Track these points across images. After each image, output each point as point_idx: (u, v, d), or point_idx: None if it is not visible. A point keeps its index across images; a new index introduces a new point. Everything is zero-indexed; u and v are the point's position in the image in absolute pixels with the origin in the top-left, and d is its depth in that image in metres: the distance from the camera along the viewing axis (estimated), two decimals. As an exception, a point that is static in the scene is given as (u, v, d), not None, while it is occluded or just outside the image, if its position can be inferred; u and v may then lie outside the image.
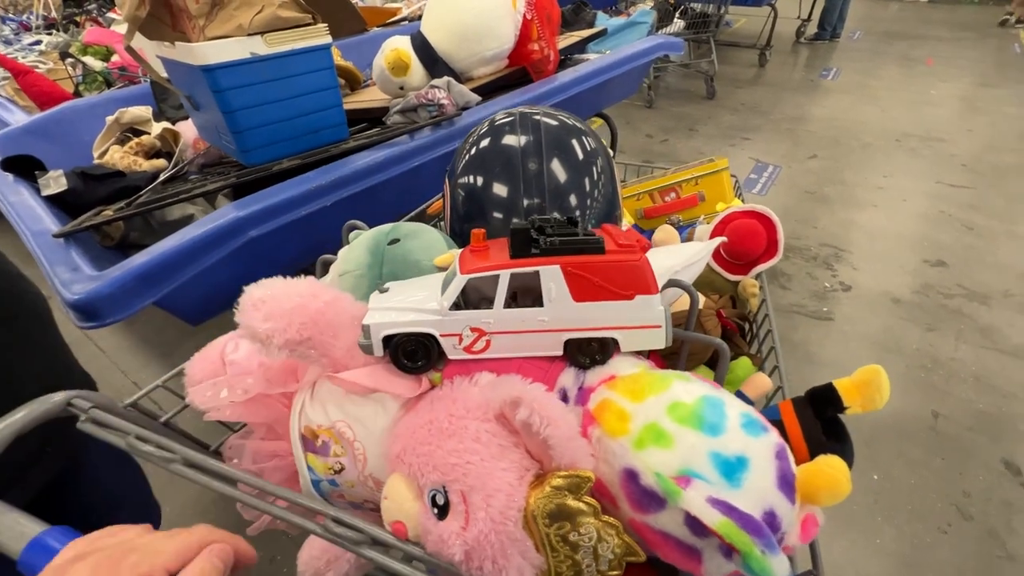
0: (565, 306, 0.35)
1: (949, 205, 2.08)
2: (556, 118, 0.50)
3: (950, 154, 2.46)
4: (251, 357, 0.39)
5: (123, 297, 0.71)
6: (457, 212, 0.50)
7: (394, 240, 0.42)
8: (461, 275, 0.35)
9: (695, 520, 0.24)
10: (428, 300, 0.37)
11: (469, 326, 0.35)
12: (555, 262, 0.34)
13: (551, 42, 1.36)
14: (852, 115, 2.94)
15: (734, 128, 2.85)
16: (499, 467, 0.28)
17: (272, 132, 0.98)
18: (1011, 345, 1.45)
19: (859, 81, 3.44)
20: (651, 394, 0.30)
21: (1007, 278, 1.70)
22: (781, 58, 4.02)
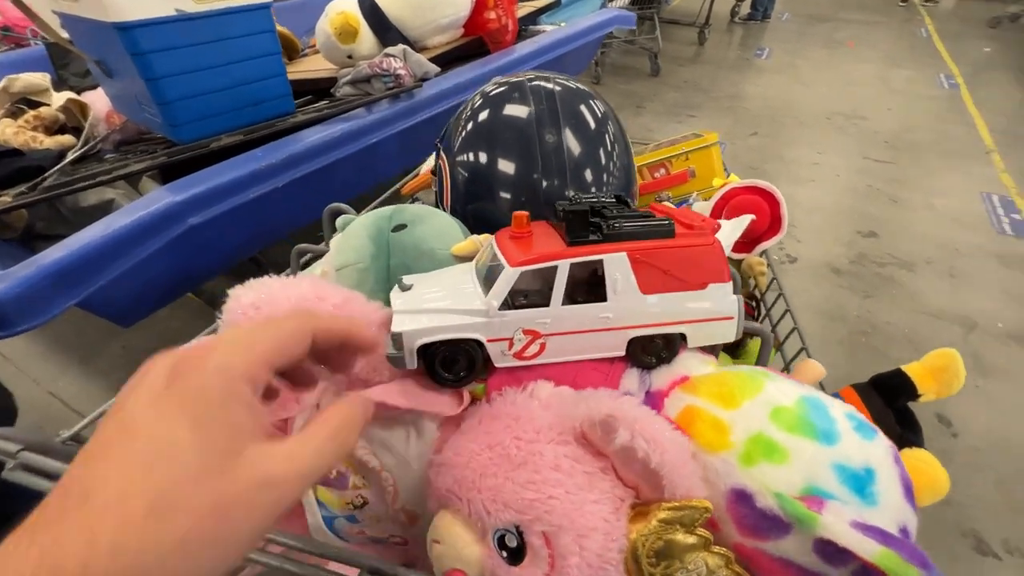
0: (631, 299, 0.31)
1: (876, 179, 2.23)
2: (563, 83, 0.45)
3: (873, 131, 2.64)
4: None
5: (36, 300, 0.60)
6: (459, 192, 0.44)
7: (400, 226, 0.36)
8: (511, 267, 0.29)
9: (830, 547, 0.21)
10: (467, 298, 0.31)
11: (522, 328, 0.30)
12: (621, 248, 0.30)
13: (510, 11, 1.29)
14: (785, 94, 3.07)
15: (679, 105, 2.90)
16: (589, 500, 0.24)
17: (206, 104, 0.86)
18: (935, 308, 1.58)
19: (789, 61, 3.59)
20: (746, 398, 0.27)
21: (928, 247, 1.85)
22: (718, 37, 4.13)
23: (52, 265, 0.60)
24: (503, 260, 0.30)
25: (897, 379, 0.32)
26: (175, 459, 0.17)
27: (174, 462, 0.17)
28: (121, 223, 0.64)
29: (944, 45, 3.95)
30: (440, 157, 0.47)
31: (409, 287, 0.32)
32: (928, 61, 3.64)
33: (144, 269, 0.70)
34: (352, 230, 0.37)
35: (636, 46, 3.47)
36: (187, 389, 0.19)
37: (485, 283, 0.32)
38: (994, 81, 3.28)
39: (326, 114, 0.91)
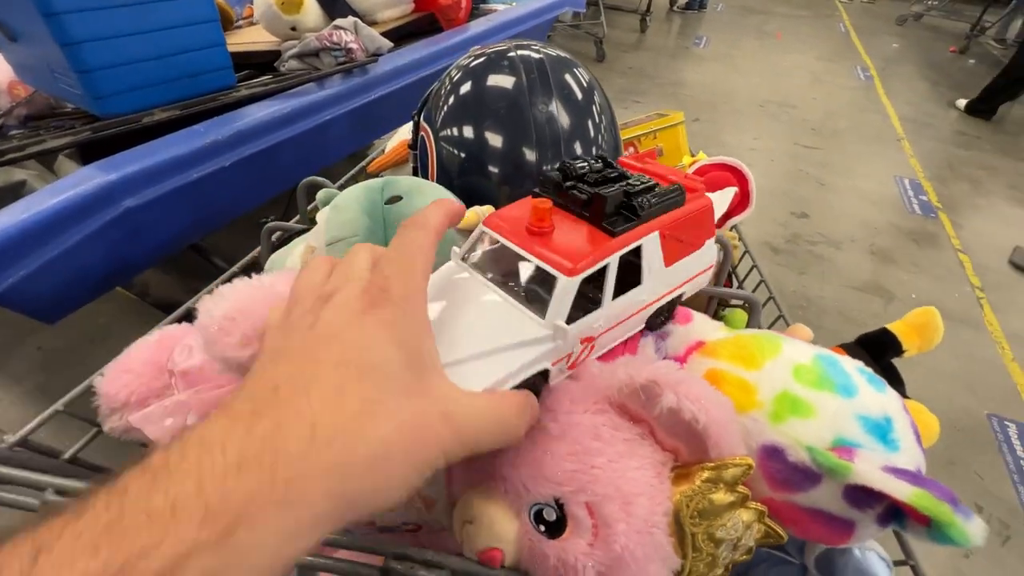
0: (659, 275, 0.30)
1: (806, 164, 2.38)
2: (548, 52, 0.44)
3: (802, 119, 2.81)
4: (210, 367, 0.29)
5: (-56, 293, 0.52)
6: (446, 165, 0.42)
7: (395, 198, 0.34)
8: (568, 278, 0.25)
9: (858, 492, 0.22)
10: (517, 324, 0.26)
11: (580, 338, 0.28)
12: (655, 228, 0.28)
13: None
14: (723, 82, 3.20)
15: (625, 91, 2.95)
16: (631, 467, 0.24)
17: (135, 73, 0.77)
18: (861, 282, 1.73)
19: (725, 51, 3.75)
20: (767, 359, 0.27)
21: (852, 225, 2.01)
22: (658, 25, 4.23)
23: (-39, 254, 0.52)
24: (550, 269, 0.26)
25: (883, 337, 0.34)
26: (385, 372, 0.19)
27: (384, 374, 0.19)
28: (45, 205, 0.57)
29: (859, 40, 4.26)
30: (421, 129, 0.45)
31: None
32: (847, 54, 3.91)
33: (72, 258, 0.63)
34: (343, 203, 0.34)
35: (581, 31, 3.50)
36: (387, 315, 0.21)
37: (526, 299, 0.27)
38: (902, 74, 3.59)
39: (272, 89, 0.85)
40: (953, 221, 2.07)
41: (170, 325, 0.34)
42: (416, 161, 0.47)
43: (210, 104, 0.80)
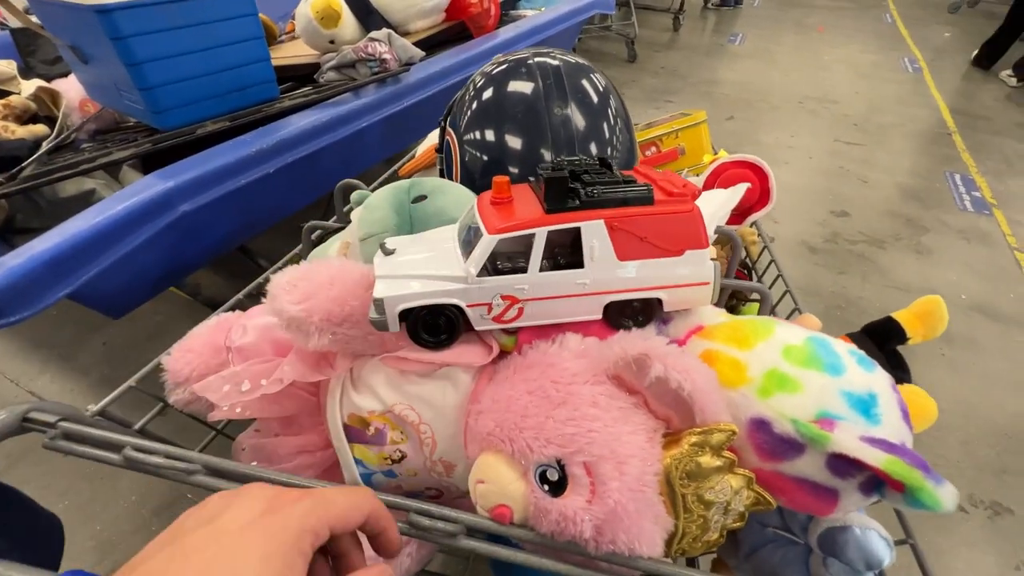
0: (608, 266, 0.32)
1: (846, 161, 2.30)
2: (565, 58, 0.46)
3: (843, 115, 2.72)
4: (261, 343, 0.33)
5: (31, 290, 0.59)
6: (468, 168, 0.45)
7: (419, 197, 0.37)
8: (489, 235, 0.30)
9: (840, 461, 0.24)
10: (447, 264, 0.32)
11: (500, 294, 0.31)
12: (599, 216, 0.30)
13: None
14: (759, 79, 3.13)
15: (656, 91, 2.93)
16: (625, 431, 0.26)
17: (190, 89, 0.84)
18: (904, 282, 1.66)
19: (762, 47, 3.66)
20: (759, 340, 0.29)
21: (896, 223, 1.93)
22: (692, 23, 4.17)
23: (45, 254, 0.59)
24: (482, 226, 0.31)
25: (888, 325, 0.34)
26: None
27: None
28: (114, 210, 0.63)
29: (907, 30, 4.07)
30: (447, 134, 0.48)
31: (392, 251, 0.33)
32: (893, 46, 3.75)
33: (135, 258, 0.69)
34: (373, 202, 0.37)
35: (612, 32, 3.49)
36: (271, 524, 0.21)
37: (464, 246, 0.32)
38: (954, 65, 3.41)
39: (313, 99, 0.90)
40: (1009, 218, 1.95)
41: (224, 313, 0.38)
42: (442, 163, 0.50)
43: (256, 115, 0.86)
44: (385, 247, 0.32)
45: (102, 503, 1.06)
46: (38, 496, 0.72)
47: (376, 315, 0.30)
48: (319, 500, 0.22)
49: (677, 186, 0.33)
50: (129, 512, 1.05)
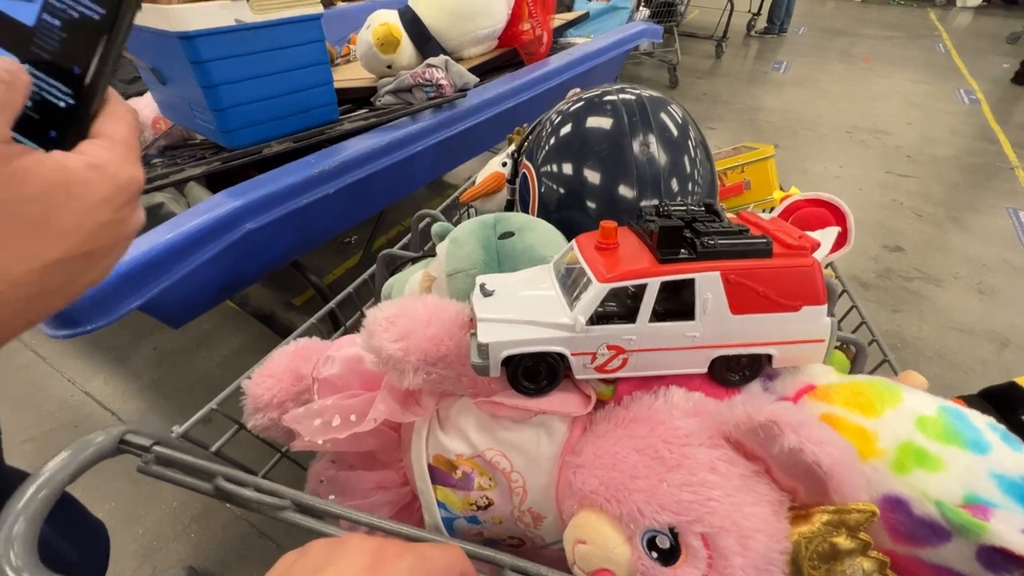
0: (720, 319, 0.30)
1: (899, 194, 2.22)
2: (646, 94, 0.46)
3: (895, 146, 2.63)
4: (348, 376, 0.33)
5: (106, 301, 0.61)
6: (547, 201, 0.45)
7: (507, 233, 0.37)
8: (599, 283, 0.29)
9: (994, 554, 0.21)
10: (551, 310, 0.31)
11: (606, 344, 0.30)
12: (715, 268, 0.29)
13: (545, 24, 1.31)
14: (805, 107, 3.07)
15: (699, 117, 2.88)
16: (748, 502, 0.24)
17: (258, 111, 0.88)
18: (965, 323, 1.57)
19: (808, 75, 3.60)
20: (886, 407, 0.27)
21: (955, 261, 1.84)
22: (734, 50, 4.15)
23: (122, 267, 0.61)
24: (590, 273, 0.30)
25: (1012, 392, 0.32)
26: None
27: None
28: (186, 227, 0.66)
29: (962, 60, 3.95)
30: (523, 167, 0.48)
31: (491, 292, 0.32)
32: (946, 76, 3.63)
33: (200, 273, 0.71)
34: (460, 237, 0.37)
35: (654, 58, 3.50)
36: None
37: (567, 291, 0.32)
38: (1014, 96, 3.27)
39: (372, 123, 0.93)
40: (1081, 259, 1.84)
41: (302, 338, 0.39)
42: (513, 195, 0.50)
43: (318, 137, 0.89)
44: (484, 288, 0.31)
45: (146, 507, 1.08)
46: (86, 498, 0.74)
47: (479, 360, 0.30)
48: (419, 558, 0.22)
49: (793, 237, 0.31)
50: (171, 517, 1.07)
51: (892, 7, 5.80)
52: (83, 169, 0.22)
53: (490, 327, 0.30)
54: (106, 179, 0.22)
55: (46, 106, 0.23)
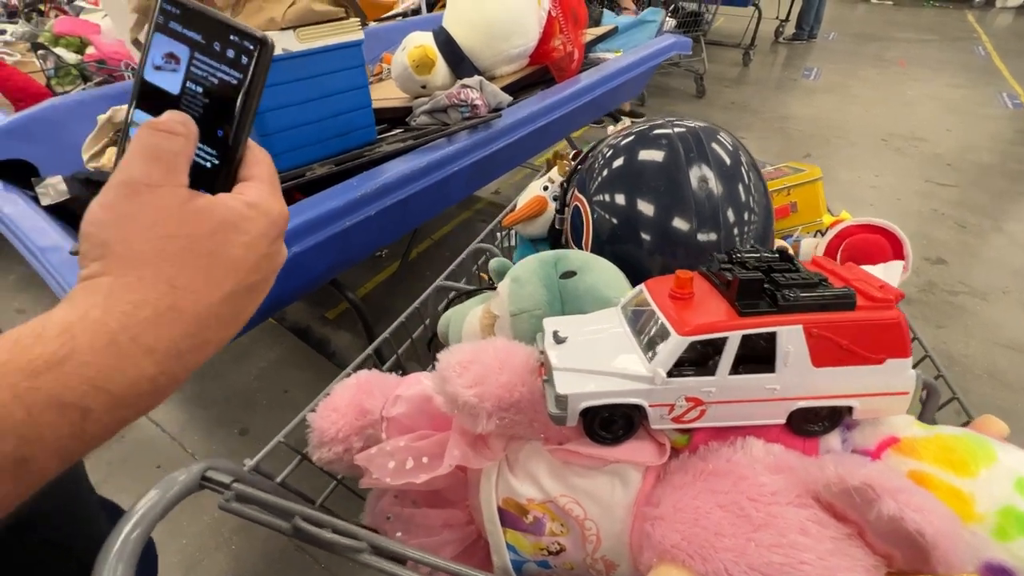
0: (801, 372, 0.30)
1: (940, 203, 2.15)
2: (699, 125, 0.46)
3: (934, 153, 2.55)
4: (416, 416, 0.34)
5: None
6: (599, 236, 0.45)
7: (568, 273, 0.38)
8: (679, 336, 0.29)
9: None
10: (628, 360, 0.31)
11: (685, 395, 0.30)
12: (797, 321, 0.29)
13: (576, 41, 1.32)
14: (837, 114, 3.01)
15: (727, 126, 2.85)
16: (842, 567, 0.24)
17: (301, 135, 0.90)
18: (1015, 340, 1.50)
19: (839, 81, 3.53)
20: (981, 466, 0.26)
21: (1003, 274, 1.76)
22: (762, 57, 4.10)
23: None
24: (668, 325, 0.30)
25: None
26: None
27: None
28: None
29: (1004, 63, 3.81)
30: (576, 199, 0.48)
31: (564, 339, 0.32)
32: (987, 79, 3.51)
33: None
34: (524, 277, 0.38)
35: (680, 68, 3.48)
36: None
37: (639, 336, 0.32)
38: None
39: (410, 144, 0.95)
40: None
41: (362, 371, 0.40)
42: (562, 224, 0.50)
43: (358, 160, 0.91)
44: (557, 335, 0.31)
45: (188, 517, 1.11)
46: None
47: (556, 410, 0.30)
48: None
49: (875, 287, 0.31)
50: (212, 528, 1.09)
51: (926, 9, 5.64)
52: (243, 207, 0.25)
53: (567, 377, 0.30)
54: (262, 215, 0.25)
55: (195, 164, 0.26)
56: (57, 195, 0.86)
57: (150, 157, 0.24)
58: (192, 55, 0.26)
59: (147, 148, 0.24)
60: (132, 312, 0.21)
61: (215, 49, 0.25)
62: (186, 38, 0.26)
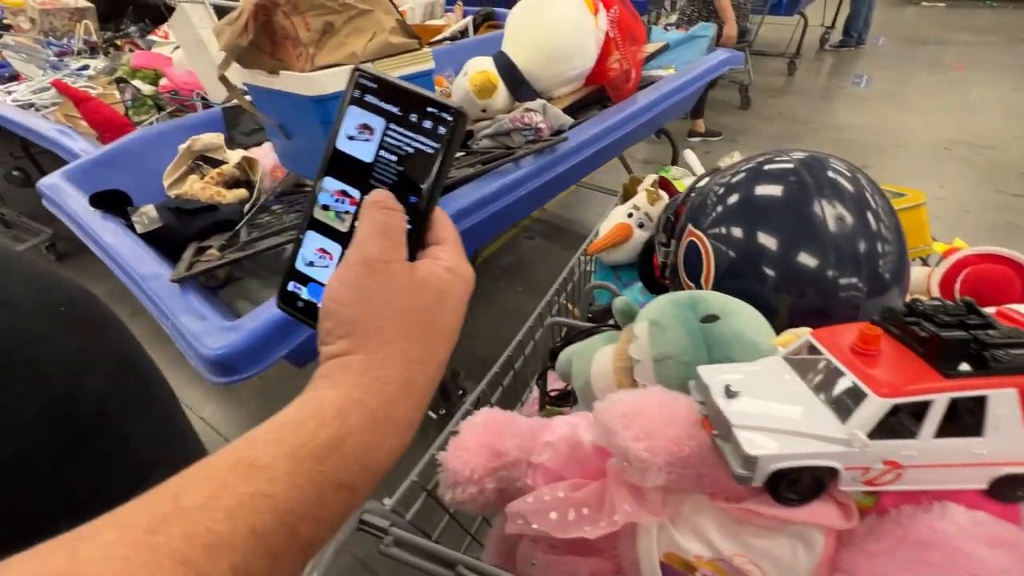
0: (1012, 436, 0.28)
1: (1016, 215, 2.02)
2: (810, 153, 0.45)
3: (1004, 162, 2.41)
4: (568, 464, 0.34)
5: (261, 350, 0.66)
6: (722, 271, 0.44)
7: (710, 317, 0.37)
8: (880, 399, 0.28)
9: None
10: (818, 420, 0.30)
11: (883, 459, 0.29)
12: (1012, 384, 0.27)
13: (633, 59, 1.31)
14: (893, 123, 2.89)
15: (776, 138, 2.80)
16: None
17: (375, 162, 0.93)
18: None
19: (892, 88, 3.40)
20: None
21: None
22: (808, 66, 3.99)
23: (274, 318, 0.66)
24: (863, 386, 0.29)
25: None
26: None
27: None
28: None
29: (1075, 64, 3.59)
30: (690, 233, 0.47)
31: (736, 394, 0.31)
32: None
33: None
34: (662, 321, 0.37)
35: (724, 79, 3.43)
36: None
37: (820, 392, 0.31)
38: None
39: (480, 170, 0.96)
40: None
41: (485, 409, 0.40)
42: (667, 257, 0.49)
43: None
44: (729, 388, 0.31)
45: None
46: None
47: (743, 471, 0.28)
48: None
49: None
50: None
51: (983, 9, 5.39)
52: (445, 274, 0.26)
53: (753, 437, 0.29)
54: (460, 280, 0.26)
55: None
56: (150, 223, 0.91)
57: (382, 234, 0.25)
58: (387, 126, 0.26)
59: (378, 225, 0.25)
60: (383, 390, 0.22)
61: (411, 120, 0.26)
62: (381, 110, 0.27)
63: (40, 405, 0.20)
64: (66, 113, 1.65)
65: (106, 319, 0.26)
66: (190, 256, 0.84)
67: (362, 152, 0.27)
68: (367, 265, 0.24)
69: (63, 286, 0.25)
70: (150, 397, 0.27)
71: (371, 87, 0.27)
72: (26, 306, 0.21)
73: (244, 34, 0.86)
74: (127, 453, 0.24)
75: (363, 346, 0.23)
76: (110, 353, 0.25)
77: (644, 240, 0.61)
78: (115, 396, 0.24)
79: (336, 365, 0.23)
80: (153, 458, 0.28)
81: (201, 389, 1.52)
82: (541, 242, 1.98)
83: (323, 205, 0.28)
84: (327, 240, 0.28)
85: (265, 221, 1.03)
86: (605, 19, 1.28)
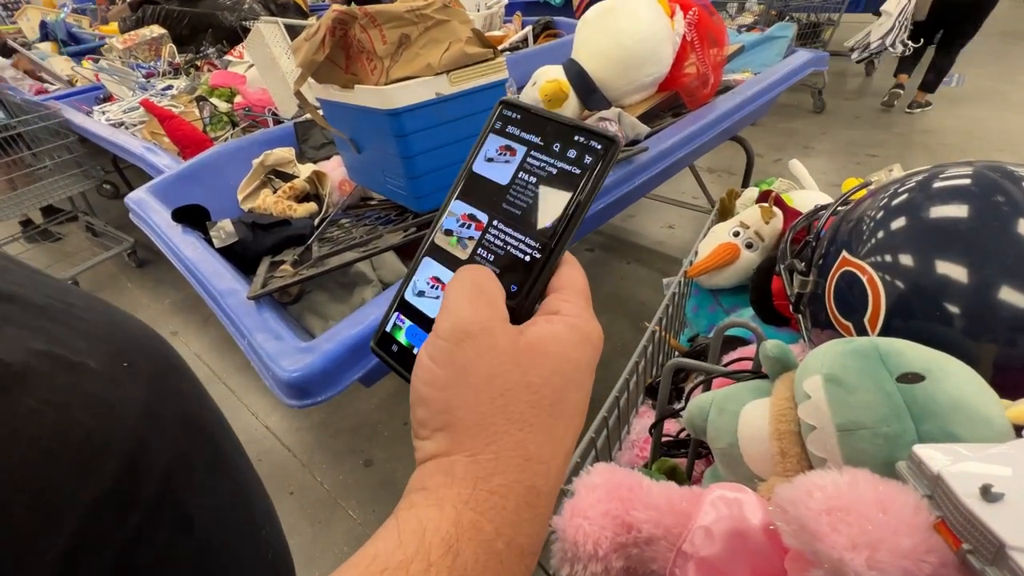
0: None
1: None
2: (993, 164, 0.37)
3: None
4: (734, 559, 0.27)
5: (336, 373, 0.63)
6: (903, 309, 0.37)
7: (911, 376, 0.30)
8: None
9: None
10: None
11: None
12: None
13: (711, 64, 1.23)
14: (994, 125, 2.62)
15: (855, 144, 2.60)
16: None
17: (446, 175, 0.90)
18: None
19: (991, 87, 3.10)
20: None
21: None
22: (887, 65, 3.71)
23: (349, 340, 0.63)
24: None
25: None
26: None
27: None
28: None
29: None
30: (845, 262, 0.40)
31: (1000, 497, 0.22)
32: None
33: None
34: (847, 379, 0.30)
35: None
36: None
37: None
38: None
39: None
40: None
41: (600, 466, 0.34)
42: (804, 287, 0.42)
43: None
44: (990, 492, 0.23)
45: (321, 547, 1.13)
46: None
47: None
48: None
49: None
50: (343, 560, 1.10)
51: (1092, -1, 4.85)
52: (567, 333, 0.21)
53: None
54: (585, 341, 0.21)
55: (512, 260, 0.23)
56: (227, 237, 0.92)
57: (474, 294, 0.21)
58: (528, 152, 0.25)
59: (468, 284, 0.21)
60: (500, 505, 0.18)
61: (555, 149, 0.24)
62: (524, 140, 0.25)
63: (101, 489, 0.16)
64: (152, 131, 1.75)
65: (171, 367, 0.21)
66: (265, 272, 0.84)
67: (498, 175, 0.25)
68: (459, 332, 0.20)
69: (127, 328, 0.20)
70: (217, 466, 0.22)
71: (515, 118, 0.25)
72: (91, 367, 0.17)
73: (321, 49, 0.86)
74: (192, 536, 0.19)
75: (467, 443, 0.19)
76: (176, 412, 0.20)
77: (753, 263, 0.53)
78: (180, 467, 0.19)
79: (436, 470, 0.19)
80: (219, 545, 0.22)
81: (268, 396, 1.55)
82: (601, 254, 1.91)
83: (446, 230, 0.26)
84: (443, 268, 0.25)
85: (335, 235, 1.02)
86: (682, 22, 1.21)
